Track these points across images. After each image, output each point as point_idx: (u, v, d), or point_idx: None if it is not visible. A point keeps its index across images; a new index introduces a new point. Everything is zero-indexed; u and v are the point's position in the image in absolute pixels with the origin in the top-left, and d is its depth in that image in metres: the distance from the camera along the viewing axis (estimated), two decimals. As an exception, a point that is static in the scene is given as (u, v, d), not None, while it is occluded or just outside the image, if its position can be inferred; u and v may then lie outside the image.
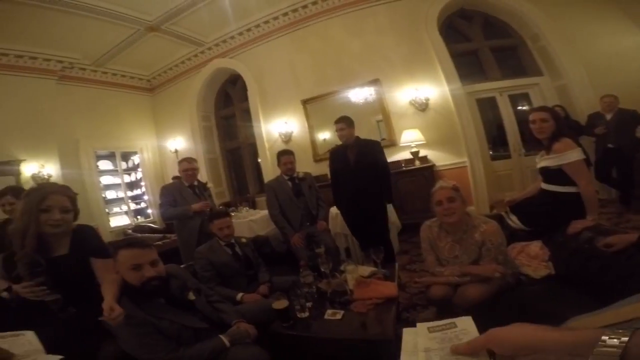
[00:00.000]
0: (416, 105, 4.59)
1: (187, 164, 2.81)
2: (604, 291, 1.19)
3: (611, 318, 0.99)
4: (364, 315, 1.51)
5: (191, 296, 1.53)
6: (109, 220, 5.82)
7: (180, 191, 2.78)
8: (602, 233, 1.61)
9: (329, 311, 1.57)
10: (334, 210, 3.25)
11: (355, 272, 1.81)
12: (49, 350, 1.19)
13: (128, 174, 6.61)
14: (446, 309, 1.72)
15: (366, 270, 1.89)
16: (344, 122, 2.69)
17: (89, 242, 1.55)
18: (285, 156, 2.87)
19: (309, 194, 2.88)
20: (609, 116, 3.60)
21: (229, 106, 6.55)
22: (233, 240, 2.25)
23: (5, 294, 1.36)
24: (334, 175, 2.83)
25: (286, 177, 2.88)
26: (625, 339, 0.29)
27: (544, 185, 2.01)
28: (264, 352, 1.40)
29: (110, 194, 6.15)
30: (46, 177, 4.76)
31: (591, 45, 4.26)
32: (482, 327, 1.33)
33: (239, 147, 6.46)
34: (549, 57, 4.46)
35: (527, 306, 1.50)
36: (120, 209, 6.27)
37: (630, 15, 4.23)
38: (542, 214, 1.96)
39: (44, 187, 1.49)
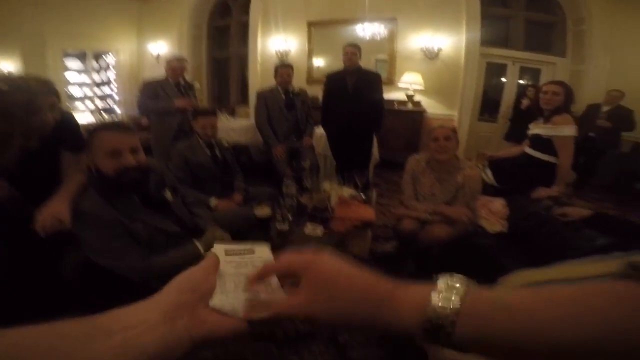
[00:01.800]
0: (426, 52, 4.43)
1: (175, 62, 2.72)
2: (543, 255, 1.32)
3: (550, 275, 1.16)
4: (342, 233, 1.58)
5: (169, 195, 1.37)
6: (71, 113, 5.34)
7: (164, 87, 2.67)
8: (561, 204, 1.80)
9: (309, 225, 1.59)
10: (319, 130, 3.22)
11: (339, 191, 1.86)
12: (2, 260, 1.08)
13: (98, 72, 6.14)
14: (409, 244, 1.86)
15: (347, 191, 1.93)
16: (357, 48, 2.70)
17: (66, 130, 1.36)
18: (283, 68, 2.81)
19: (301, 108, 2.85)
20: (605, 108, 3.73)
21: (225, 17, 5.98)
22: (214, 141, 2.12)
23: None
24: (328, 98, 2.83)
25: (280, 89, 2.80)
26: (457, 306, 0.27)
27: (529, 150, 2.13)
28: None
29: (75, 91, 5.73)
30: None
31: (626, 47, 4.19)
32: (439, 264, 1.46)
33: (228, 57, 6.10)
34: (582, 41, 4.37)
35: (479, 255, 1.71)
36: (85, 106, 5.90)
37: None
38: (516, 175, 2.12)
39: (27, 89, 1.18)
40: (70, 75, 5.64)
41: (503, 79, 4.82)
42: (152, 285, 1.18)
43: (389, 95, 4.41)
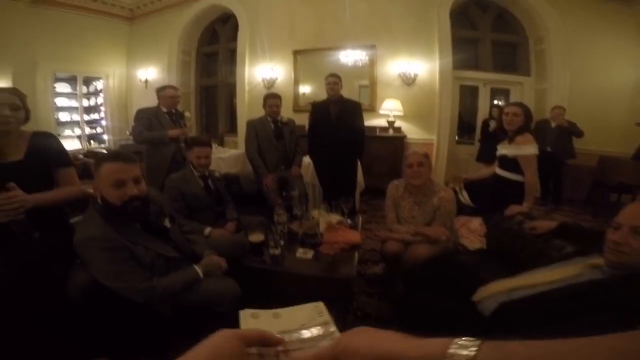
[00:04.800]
0: (404, 78, 4.66)
1: (172, 91, 2.75)
2: (518, 266, 1.44)
3: (518, 282, 1.27)
4: (331, 256, 1.68)
5: (167, 223, 1.46)
6: (54, 134, 5.29)
7: (157, 116, 2.69)
8: (531, 218, 1.96)
9: (300, 250, 1.72)
10: (306, 159, 3.34)
11: (327, 217, 1.97)
12: (8, 278, 1.13)
13: (87, 98, 6.17)
14: (395, 265, 1.96)
15: (335, 218, 2.06)
16: (338, 78, 2.82)
17: (49, 147, 1.43)
18: (272, 99, 2.87)
19: (290, 138, 2.92)
20: (553, 124, 3.99)
21: (214, 44, 6.17)
22: (207, 173, 2.21)
23: None
24: (313, 127, 2.95)
25: (269, 119, 2.88)
26: (472, 353, 0.29)
27: (498, 170, 2.29)
28: (237, 285, 1.41)
29: (63, 116, 5.74)
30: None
31: (587, 53, 4.47)
32: (424, 282, 1.52)
33: (216, 85, 6.20)
34: (543, 60, 4.65)
35: (460, 271, 1.82)
36: (73, 132, 5.89)
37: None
38: (490, 195, 2.28)
39: None
40: (59, 101, 5.67)
41: (476, 101, 5.05)
42: (153, 306, 1.28)
43: (371, 122, 4.64)
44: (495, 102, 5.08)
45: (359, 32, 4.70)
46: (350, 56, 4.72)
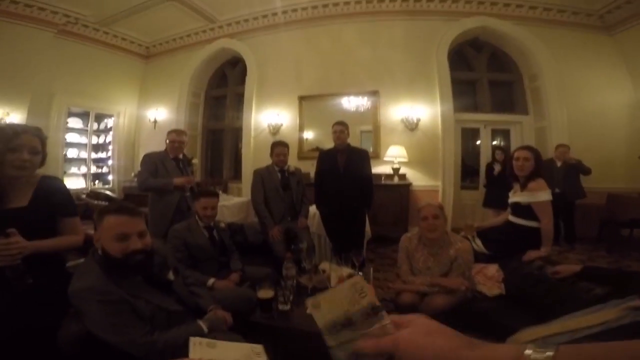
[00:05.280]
0: (407, 124, 4.74)
1: (176, 136, 2.70)
2: (545, 311, 1.38)
3: (554, 329, 1.18)
4: None
5: (171, 276, 1.40)
6: (62, 180, 5.35)
7: (164, 162, 2.64)
8: (551, 263, 1.88)
9: None
10: (312, 209, 3.27)
11: (338, 271, 1.89)
12: None
13: (97, 135, 6.28)
14: None
15: (346, 271, 1.97)
16: (344, 126, 2.78)
17: (56, 195, 1.36)
18: (279, 147, 2.85)
19: (297, 189, 2.88)
20: (559, 163, 3.99)
21: (223, 87, 6.43)
22: (212, 223, 2.19)
23: None
24: (320, 176, 2.89)
25: (277, 168, 2.85)
26: (551, 353, 0.29)
27: (512, 218, 2.23)
28: (243, 341, 1.31)
29: (71, 153, 5.78)
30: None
31: (579, 88, 4.64)
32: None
33: (223, 129, 6.33)
34: (539, 97, 4.78)
35: (481, 318, 1.69)
36: (79, 169, 5.90)
37: (628, 61, 4.63)
38: (504, 242, 2.19)
39: (13, 126, 1.31)
40: (69, 137, 5.73)
41: (478, 142, 5.12)
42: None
43: (376, 169, 4.61)
44: (495, 142, 5.16)
45: (362, 78, 4.92)
46: (353, 102, 4.89)
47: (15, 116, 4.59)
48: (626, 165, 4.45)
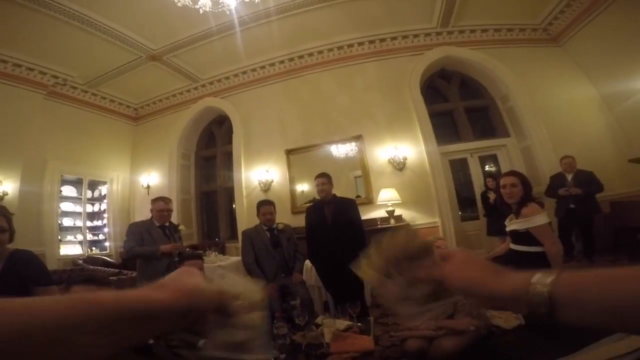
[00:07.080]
0: (394, 164, 4.76)
1: (163, 204, 2.71)
2: (572, 338, 1.27)
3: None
4: None
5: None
6: (59, 247, 5.35)
7: (150, 231, 2.65)
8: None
9: None
10: (308, 263, 3.19)
11: (332, 326, 1.80)
12: None
13: (92, 203, 6.28)
14: None
15: (342, 323, 1.90)
16: (326, 178, 2.78)
17: (26, 267, 1.43)
18: (265, 206, 2.87)
19: (287, 245, 2.86)
20: (569, 176, 3.78)
21: (212, 147, 6.53)
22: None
23: None
24: (310, 231, 2.83)
25: (265, 227, 2.86)
26: (554, 276, 0.36)
27: (513, 246, 2.14)
28: None
29: (67, 222, 5.77)
30: (0, 194, 4.38)
31: (549, 101, 4.73)
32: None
33: (215, 190, 6.34)
34: (516, 117, 4.85)
35: (500, 354, 1.52)
36: (75, 237, 5.84)
37: (581, 66, 4.82)
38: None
39: None
40: (64, 206, 5.68)
41: (468, 172, 5.12)
42: None
43: (371, 214, 4.61)
44: (487, 167, 5.17)
45: (344, 125, 5.03)
46: (341, 149, 4.95)
47: (8, 184, 4.47)
48: (619, 170, 4.38)
